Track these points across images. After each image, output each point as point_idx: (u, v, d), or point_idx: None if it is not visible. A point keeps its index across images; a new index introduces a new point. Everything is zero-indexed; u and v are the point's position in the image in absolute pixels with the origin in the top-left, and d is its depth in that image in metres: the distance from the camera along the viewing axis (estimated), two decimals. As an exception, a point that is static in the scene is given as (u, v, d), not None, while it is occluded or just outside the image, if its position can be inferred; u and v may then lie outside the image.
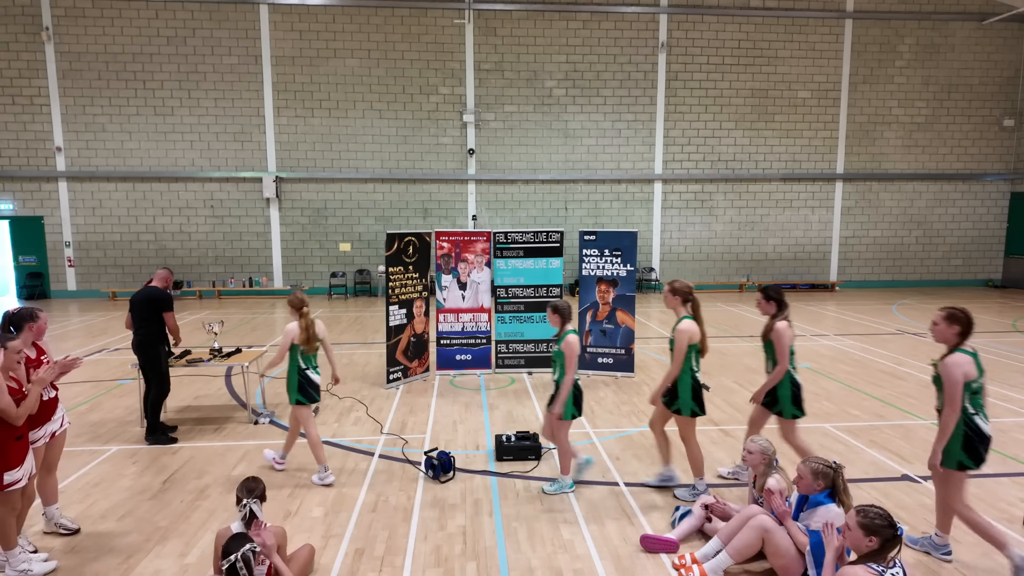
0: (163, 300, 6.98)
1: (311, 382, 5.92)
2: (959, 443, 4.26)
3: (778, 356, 5.34)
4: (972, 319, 4.32)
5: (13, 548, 4.29)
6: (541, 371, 9.78)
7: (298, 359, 5.85)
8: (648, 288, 19.80)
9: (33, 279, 18.52)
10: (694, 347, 5.32)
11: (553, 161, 19.39)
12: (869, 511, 3.43)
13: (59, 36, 17.75)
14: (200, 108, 18.35)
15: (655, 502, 5.46)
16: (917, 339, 12.31)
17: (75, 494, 5.64)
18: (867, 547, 3.38)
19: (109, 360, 10.81)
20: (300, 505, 5.42)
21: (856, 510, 3.48)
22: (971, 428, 4.26)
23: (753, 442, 4.72)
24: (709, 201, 20.03)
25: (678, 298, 5.48)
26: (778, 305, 5.48)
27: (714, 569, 4.24)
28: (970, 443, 4.25)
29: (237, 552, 3.68)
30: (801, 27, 19.41)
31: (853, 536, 3.43)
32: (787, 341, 5.32)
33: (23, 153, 18.11)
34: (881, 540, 3.36)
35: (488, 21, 18.72)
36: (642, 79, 19.27)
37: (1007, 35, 19.95)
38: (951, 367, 4.20)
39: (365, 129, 18.87)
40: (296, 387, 5.86)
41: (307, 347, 5.86)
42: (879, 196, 20.43)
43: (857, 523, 3.41)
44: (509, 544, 4.78)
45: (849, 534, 3.45)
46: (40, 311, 4.83)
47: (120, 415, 7.86)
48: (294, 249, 19.21)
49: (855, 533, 3.42)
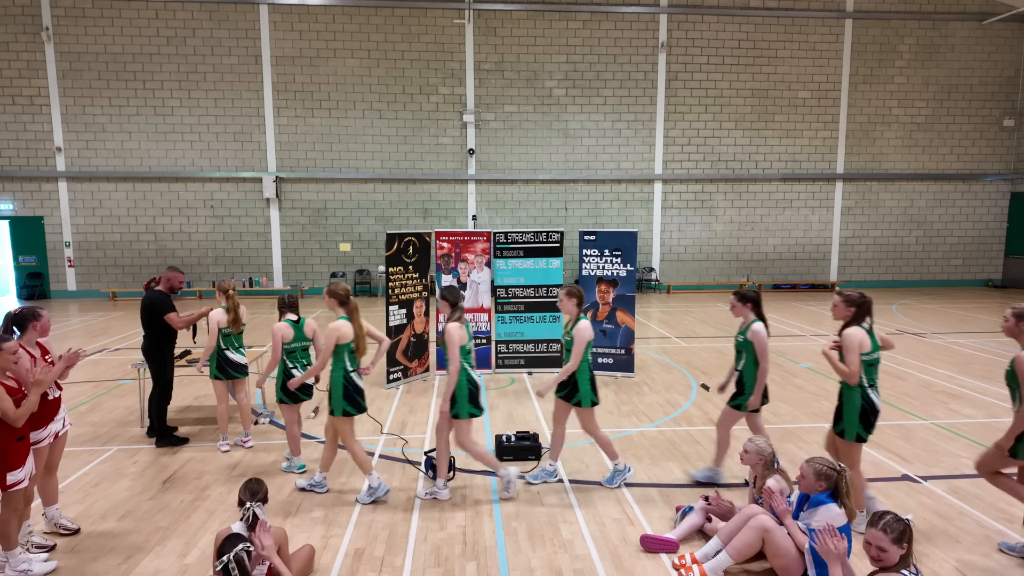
0: (160, 305, 6.71)
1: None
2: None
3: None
4: None
5: (13, 548, 4.29)
6: (541, 371, 9.78)
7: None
8: (648, 288, 19.80)
9: (33, 279, 18.52)
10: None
11: (553, 161, 19.39)
12: (891, 523, 3.34)
13: (59, 36, 17.75)
14: (200, 108, 18.35)
15: (655, 502, 5.46)
16: (917, 339, 12.31)
17: (75, 494, 5.64)
18: (900, 555, 3.35)
19: (109, 360, 10.81)
20: (300, 505, 5.41)
21: (883, 529, 3.34)
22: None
23: (750, 442, 4.74)
24: (709, 201, 20.03)
25: (749, 305, 5.53)
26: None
27: (714, 569, 4.24)
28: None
29: (230, 553, 3.68)
30: (801, 27, 19.40)
31: (890, 554, 3.34)
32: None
33: (23, 153, 18.11)
34: (907, 542, 3.33)
35: (488, 21, 18.72)
36: (642, 79, 19.27)
37: (1007, 35, 19.95)
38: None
39: (365, 129, 18.86)
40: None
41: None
42: (879, 196, 20.43)
43: (891, 540, 3.31)
44: (509, 544, 4.78)
45: (886, 556, 3.35)
46: (42, 310, 4.83)
47: (120, 415, 7.86)
48: (294, 249, 19.21)
49: (891, 551, 3.33)
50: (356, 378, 5.35)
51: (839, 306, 4.97)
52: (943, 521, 5.10)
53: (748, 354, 5.49)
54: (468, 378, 5.33)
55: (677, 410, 8.05)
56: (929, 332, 13.00)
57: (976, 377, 9.47)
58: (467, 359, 5.36)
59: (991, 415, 7.74)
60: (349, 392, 5.27)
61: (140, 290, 17.99)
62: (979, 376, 9.51)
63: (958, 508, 5.33)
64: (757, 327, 5.43)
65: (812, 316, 15.19)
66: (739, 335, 5.60)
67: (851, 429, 4.85)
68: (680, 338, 12.57)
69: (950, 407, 8.07)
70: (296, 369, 5.95)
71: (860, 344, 4.75)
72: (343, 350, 5.29)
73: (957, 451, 6.59)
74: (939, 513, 5.23)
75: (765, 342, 5.41)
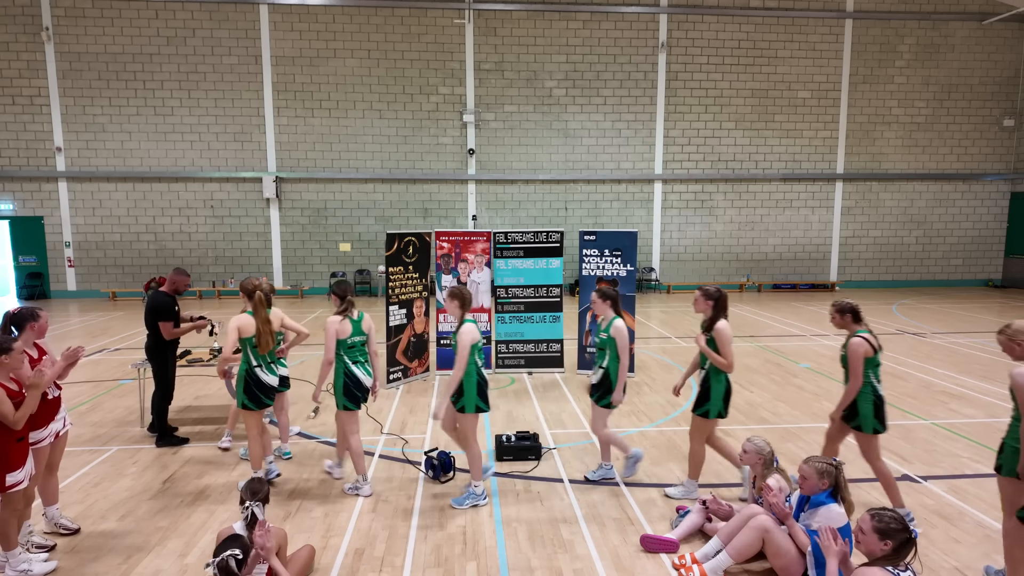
0: (160, 309, 6.64)
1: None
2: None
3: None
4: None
5: (13, 548, 4.29)
6: (541, 371, 9.78)
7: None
8: (648, 288, 19.80)
9: (33, 279, 18.52)
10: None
11: (553, 161, 19.39)
12: (884, 515, 3.41)
13: (59, 36, 17.75)
14: (200, 108, 18.35)
15: (655, 502, 5.45)
16: (917, 339, 12.31)
17: (75, 494, 5.64)
18: (881, 551, 3.37)
19: (109, 360, 10.82)
20: (300, 505, 5.42)
21: (871, 514, 3.45)
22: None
23: (749, 442, 4.75)
24: (709, 201, 20.03)
25: (848, 317, 5.10)
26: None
27: (714, 569, 4.24)
28: None
29: (216, 559, 3.66)
30: (801, 27, 19.40)
31: (867, 540, 3.41)
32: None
33: (23, 153, 18.11)
34: (895, 544, 3.35)
35: (488, 21, 18.72)
36: (642, 79, 19.27)
37: (1007, 35, 19.95)
38: None
39: (365, 129, 18.86)
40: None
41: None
42: (879, 196, 20.43)
43: (872, 527, 3.39)
44: (509, 544, 4.78)
45: (864, 538, 3.43)
46: (40, 310, 4.83)
47: (120, 415, 7.86)
48: (294, 249, 19.20)
49: (869, 537, 3.40)
50: (261, 373, 5.54)
51: (699, 300, 5.31)
52: (943, 521, 5.10)
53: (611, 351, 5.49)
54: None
55: (677, 410, 8.05)
56: (929, 332, 13.00)
57: (976, 377, 9.47)
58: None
59: (991, 415, 7.74)
60: (250, 387, 5.52)
61: (140, 290, 18.02)
62: (979, 376, 9.51)
63: (958, 508, 5.33)
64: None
65: (812, 316, 15.19)
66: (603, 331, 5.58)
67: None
68: (680, 338, 12.57)
69: (950, 407, 8.07)
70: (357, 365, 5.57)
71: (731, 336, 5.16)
72: (246, 344, 5.54)
73: (957, 451, 6.59)
74: (939, 513, 5.23)
75: (626, 339, 5.47)
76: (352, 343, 5.47)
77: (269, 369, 5.64)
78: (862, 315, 5.10)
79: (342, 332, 5.38)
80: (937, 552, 4.64)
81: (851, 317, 5.07)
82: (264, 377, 5.56)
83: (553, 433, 7.18)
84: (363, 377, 5.51)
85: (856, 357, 4.91)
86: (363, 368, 5.53)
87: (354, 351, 5.48)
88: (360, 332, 5.52)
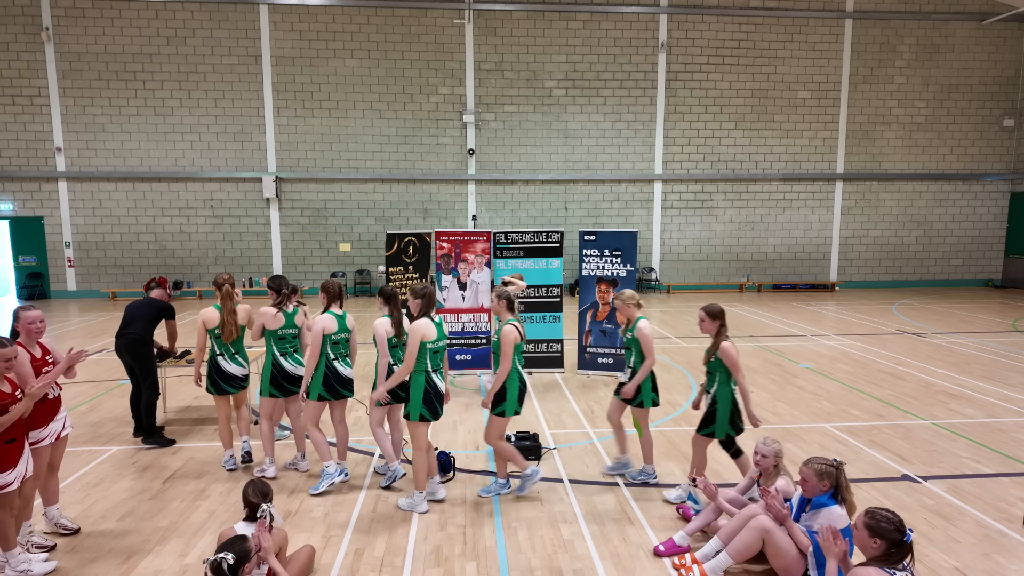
0: (168, 310, 7.24)
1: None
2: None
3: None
4: None
5: (13, 549, 4.28)
6: (540, 371, 9.78)
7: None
8: (648, 288, 19.79)
9: (33, 279, 18.51)
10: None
11: (553, 161, 19.39)
12: (877, 513, 3.42)
13: (59, 36, 17.75)
14: (200, 108, 18.35)
15: (655, 502, 5.45)
16: (917, 339, 12.31)
17: (75, 494, 5.64)
18: (872, 549, 3.38)
19: (109, 360, 10.81)
20: (300, 505, 5.42)
21: (867, 512, 3.46)
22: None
23: (765, 445, 4.68)
24: (709, 201, 20.03)
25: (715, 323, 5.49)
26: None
27: (714, 569, 4.24)
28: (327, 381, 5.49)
29: (210, 558, 3.63)
30: (801, 27, 19.40)
31: (859, 536, 3.44)
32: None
33: (23, 153, 18.10)
34: (887, 544, 3.35)
35: (488, 21, 18.72)
36: (642, 79, 19.27)
37: (1007, 35, 19.95)
38: None
39: (365, 129, 18.87)
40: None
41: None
42: (879, 196, 20.43)
43: (864, 523, 3.42)
44: (509, 544, 4.78)
45: (856, 534, 3.47)
46: (25, 309, 4.69)
47: (120, 415, 7.85)
48: (294, 249, 19.20)
49: (861, 533, 3.43)
50: (223, 362, 5.96)
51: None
52: (943, 521, 5.10)
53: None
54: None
55: (677, 410, 8.05)
56: (929, 332, 13.00)
57: (976, 377, 9.46)
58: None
59: (991, 415, 7.74)
60: (212, 374, 5.96)
61: (140, 290, 18.00)
62: (979, 376, 9.51)
63: (958, 508, 5.32)
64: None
65: (812, 316, 15.19)
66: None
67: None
68: (680, 338, 12.57)
69: (950, 407, 8.07)
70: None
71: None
72: (210, 334, 5.97)
73: (957, 451, 6.59)
74: (939, 513, 5.23)
75: (649, 340, 5.57)
76: (336, 339, 5.72)
77: (232, 359, 6.04)
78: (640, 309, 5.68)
79: (275, 323, 5.80)
80: (937, 552, 4.64)
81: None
82: (226, 366, 5.99)
83: (553, 433, 7.18)
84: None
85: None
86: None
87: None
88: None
